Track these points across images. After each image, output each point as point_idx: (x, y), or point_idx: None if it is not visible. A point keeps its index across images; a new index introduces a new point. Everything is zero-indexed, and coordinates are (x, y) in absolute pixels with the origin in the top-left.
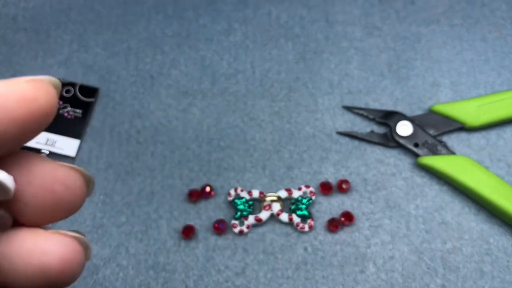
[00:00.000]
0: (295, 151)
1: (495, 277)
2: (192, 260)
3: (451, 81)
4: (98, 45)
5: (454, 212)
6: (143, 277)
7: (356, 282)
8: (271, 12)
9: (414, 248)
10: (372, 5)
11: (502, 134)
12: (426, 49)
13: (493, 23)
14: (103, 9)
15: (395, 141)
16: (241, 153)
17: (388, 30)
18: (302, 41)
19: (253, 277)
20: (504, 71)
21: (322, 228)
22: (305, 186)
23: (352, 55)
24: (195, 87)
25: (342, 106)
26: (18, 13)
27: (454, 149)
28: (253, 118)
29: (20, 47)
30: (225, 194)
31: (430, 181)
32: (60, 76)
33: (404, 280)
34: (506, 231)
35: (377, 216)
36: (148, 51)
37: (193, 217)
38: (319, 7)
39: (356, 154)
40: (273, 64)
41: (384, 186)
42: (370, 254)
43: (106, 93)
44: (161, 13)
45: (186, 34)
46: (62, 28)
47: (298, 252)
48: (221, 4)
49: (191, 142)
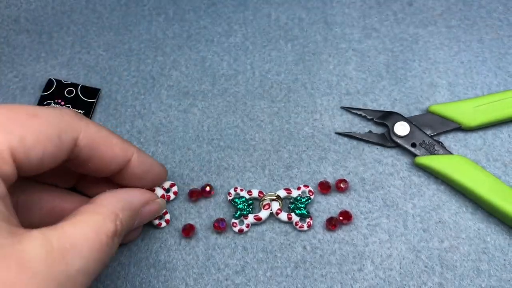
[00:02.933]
0: (294, 151)
1: (492, 276)
2: (192, 258)
3: (448, 82)
4: (99, 47)
5: (451, 211)
6: (144, 275)
7: (354, 280)
8: (271, 14)
9: (411, 246)
10: (370, 7)
11: (498, 134)
12: (423, 50)
13: (490, 25)
14: (104, 10)
15: (392, 141)
16: (241, 153)
17: (386, 32)
18: (301, 42)
19: (253, 275)
20: (501, 72)
21: (320, 227)
22: (304, 186)
23: (350, 56)
24: (196, 88)
25: (341, 106)
26: (20, 14)
27: (451, 149)
28: (252, 119)
29: (22, 49)
30: (225, 193)
31: (428, 181)
32: (62, 77)
33: (401, 278)
34: (502, 230)
35: (375, 215)
36: (149, 52)
37: (193, 216)
38: (318, 9)
39: (354, 154)
40: (273, 65)
41: (382, 186)
42: (368, 253)
43: (108, 93)
44: (162, 15)
45: (187, 35)
46: (64, 30)
47: (297, 250)
48: (222, 6)
49: (191, 142)
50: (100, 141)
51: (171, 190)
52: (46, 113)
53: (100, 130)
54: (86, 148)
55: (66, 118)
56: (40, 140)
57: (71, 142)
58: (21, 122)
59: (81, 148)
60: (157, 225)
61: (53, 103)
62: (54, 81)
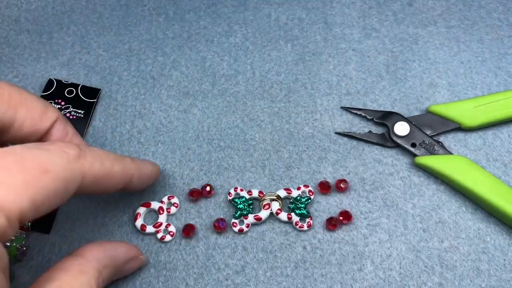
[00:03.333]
0: (294, 151)
1: (491, 276)
2: (192, 258)
3: (448, 82)
4: (100, 47)
5: (451, 211)
6: (144, 275)
7: (354, 280)
8: (271, 14)
9: (411, 246)
10: (370, 7)
11: (498, 134)
12: (423, 51)
13: (489, 25)
14: (105, 11)
15: (392, 141)
16: (241, 153)
17: (386, 32)
18: (301, 42)
19: (253, 275)
20: (501, 72)
21: (320, 227)
22: (304, 186)
23: (350, 57)
24: (196, 88)
25: (341, 106)
26: (20, 14)
27: (451, 149)
28: (253, 119)
29: (22, 49)
30: (225, 193)
31: (427, 181)
32: (62, 77)
33: (401, 278)
34: (502, 230)
35: (375, 215)
36: (149, 52)
37: (193, 216)
38: (317, 9)
39: (354, 154)
40: (273, 65)
41: (381, 186)
42: (368, 253)
43: (108, 94)
44: (162, 15)
45: (187, 35)
46: (64, 30)
47: (297, 250)
48: (221, 6)
49: (191, 142)
50: (101, 176)
51: (171, 203)
52: (56, 165)
53: (103, 163)
54: (89, 186)
55: (73, 166)
56: (49, 197)
57: (76, 189)
58: (32, 181)
59: (83, 187)
60: (161, 238)
61: (53, 103)
62: (54, 81)
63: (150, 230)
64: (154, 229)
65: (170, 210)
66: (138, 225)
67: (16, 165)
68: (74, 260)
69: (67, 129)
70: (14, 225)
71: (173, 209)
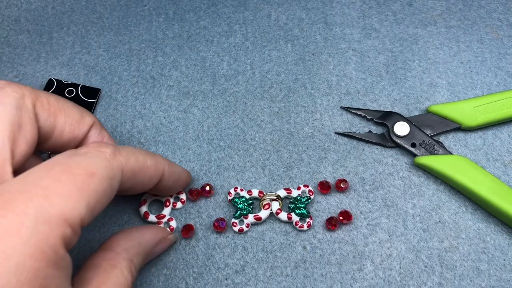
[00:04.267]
0: (294, 151)
1: (491, 276)
2: (192, 258)
3: (448, 82)
4: (100, 47)
5: (451, 211)
6: (144, 275)
7: (354, 280)
8: (271, 14)
9: (411, 246)
10: (370, 7)
11: (498, 134)
12: (423, 51)
13: (489, 25)
14: (104, 11)
15: (392, 141)
16: (241, 153)
17: (385, 32)
18: (301, 42)
19: (253, 275)
20: (501, 72)
21: (320, 227)
22: (304, 186)
23: (350, 57)
24: (196, 88)
25: (341, 106)
26: (20, 14)
27: (451, 149)
28: (252, 119)
29: (22, 49)
30: (225, 193)
31: (427, 181)
32: (62, 77)
33: (401, 278)
34: (502, 230)
35: (375, 215)
36: (149, 52)
37: (193, 216)
38: (317, 9)
39: (354, 154)
40: (273, 65)
41: (381, 186)
42: (368, 253)
43: (108, 94)
44: (162, 15)
45: (187, 35)
46: (64, 30)
47: (297, 250)
48: (221, 6)
49: (191, 142)
50: (137, 170)
51: (178, 198)
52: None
53: (137, 158)
54: (128, 181)
55: (112, 163)
56: (100, 198)
57: (118, 185)
58: (83, 187)
59: (123, 182)
60: None
61: None
62: (55, 81)
63: (152, 219)
64: (156, 219)
65: (176, 204)
66: (142, 212)
67: (65, 175)
68: (104, 255)
69: (102, 133)
70: (78, 232)
71: (179, 204)
